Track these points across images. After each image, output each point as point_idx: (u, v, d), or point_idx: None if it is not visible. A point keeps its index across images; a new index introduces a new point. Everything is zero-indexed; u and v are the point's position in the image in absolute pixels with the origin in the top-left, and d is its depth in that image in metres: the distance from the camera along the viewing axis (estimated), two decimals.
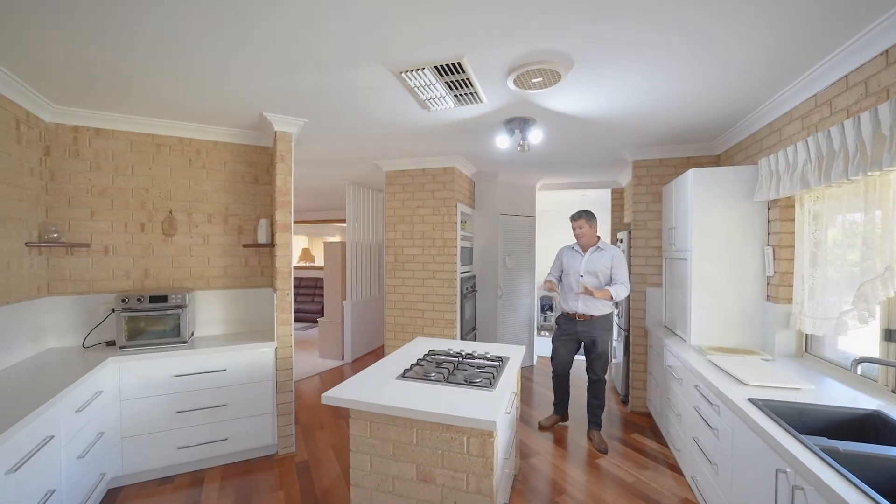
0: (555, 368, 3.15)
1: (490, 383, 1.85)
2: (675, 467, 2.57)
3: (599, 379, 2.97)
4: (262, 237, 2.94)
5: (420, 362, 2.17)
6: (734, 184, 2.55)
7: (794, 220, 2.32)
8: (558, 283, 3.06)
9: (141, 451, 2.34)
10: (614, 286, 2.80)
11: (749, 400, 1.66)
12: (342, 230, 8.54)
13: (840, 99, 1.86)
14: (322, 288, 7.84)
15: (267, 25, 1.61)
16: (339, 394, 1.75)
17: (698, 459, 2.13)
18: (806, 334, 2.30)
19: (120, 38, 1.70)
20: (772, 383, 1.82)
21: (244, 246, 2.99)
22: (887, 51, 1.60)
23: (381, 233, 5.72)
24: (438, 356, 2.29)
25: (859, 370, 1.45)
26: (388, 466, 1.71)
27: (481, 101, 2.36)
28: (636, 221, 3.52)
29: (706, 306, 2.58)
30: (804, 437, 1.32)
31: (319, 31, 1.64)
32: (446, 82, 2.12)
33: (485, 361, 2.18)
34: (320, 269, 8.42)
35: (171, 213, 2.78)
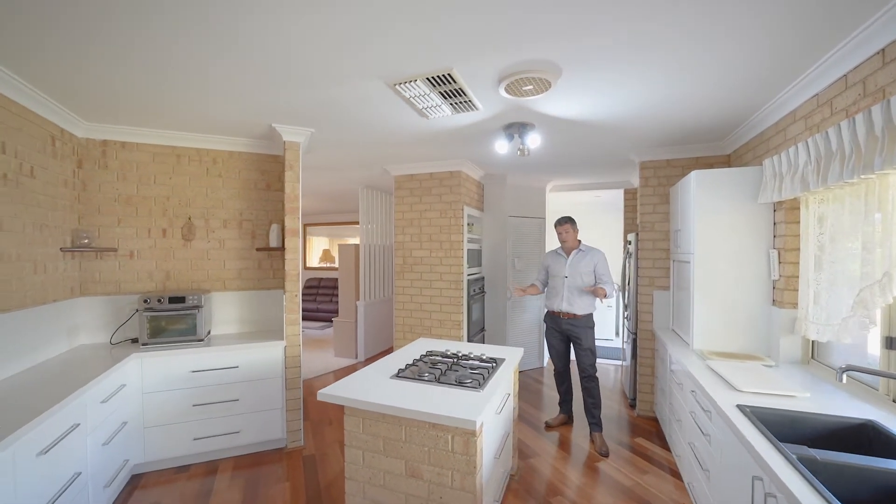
0: (555, 364, 3.26)
1: (479, 384, 1.91)
2: (677, 473, 2.54)
3: (591, 376, 3.04)
4: (274, 241, 3.10)
5: (416, 362, 2.24)
6: (738, 185, 2.49)
7: (799, 222, 2.25)
8: (543, 286, 3.28)
9: (161, 441, 2.53)
10: (606, 285, 2.99)
11: (737, 406, 1.65)
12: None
13: (840, 99, 1.81)
14: None
15: (269, 46, 1.73)
16: (333, 391, 1.85)
17: (694, 465, 2.11)
18: (813, 341, 2.23)
19: (146, 62, 1.87)
20: (766, 390, 1.79)
21: (257, 250, 3.16)
22: (884, 49, 1.55)
23: (393, 235, 5.84)
24: (435, 357, 2.36)
25: (844, 378, 1.41)
26: (380, 461, 1.79)
27: (476, 108, 2.41)
28: (643, 223, 3.48)
29: (709, 310, 2.54)
30: (783, 445, 1.31)
31: (318, 47, 1.73)
32: (440, 92, 2.19)
33: (478, 363, 2.23)
34: None
35: (189, 219, 2.97)
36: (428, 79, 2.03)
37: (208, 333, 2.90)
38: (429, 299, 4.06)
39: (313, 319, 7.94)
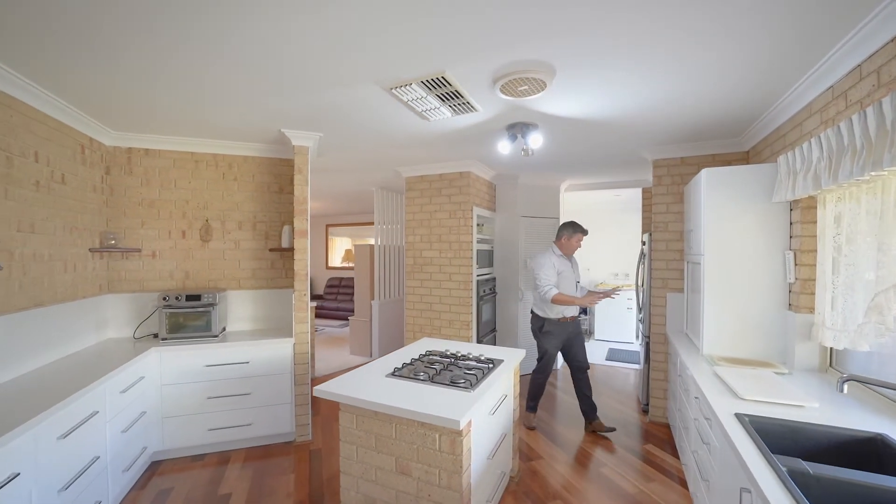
0: (550, 372, 3.27)
1: (471, 385, 1.92)
2: (685, 482, 2.45)
3: (586, 367, 3.22)
4: (286, 242, 3.22)
5: (414, 362, 2.28)
6: (752, 183, 2.38)
7: (816, 222, 2.12)
8: None
9: (178, 430, 2.68)
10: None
11: (735, 414, 1.58)
12: None
13: (854, 90, 1.70)
14: None
15: (274, 55, 1.81)
16: (328, 388, 1.90)
17: (696, 474, 2.03)
18: (831, 348, 2.10)
19: (168, 77, 2.03)
20: (771, 398, 1.70)
21: (270, 250, 3.29)
22: None
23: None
24: (433, 356, 2.39)
25: (845, 389, 1.33)
26: (372, 457, 1.84)
27: (475, 109, 2.42)
28: (656, 223, 3.37)
29: (720, 313, 2.44)
30: (775, 457, 1.25)
31: (311, 50, 1.78)
32: (437, 95, 2.21)
33: (475, 363, 2.24)
34: None
35: (207, 221, 3.13)
36: (423, 82, 2.05)
37: (223, 330, 3.04)
38: (438, 299, 4.09)
39: (333, 318, 8.15)
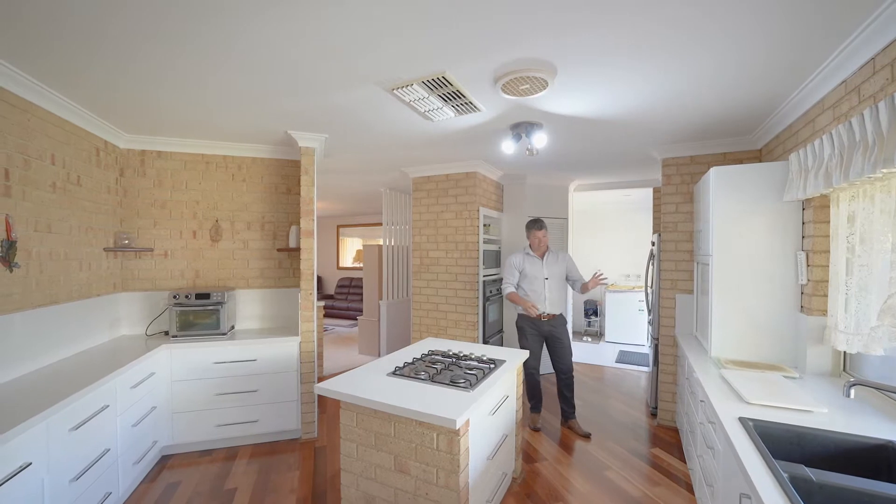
0: (535, 369, 3.22)
1: (471, 385, 1.91)
2: (692, 487, 2.40)
3: (571, 369, 3.17)
4: (293, 242, 3.26)
5: (415, 361, 2.28)
6: (763, 182, 2.31)
7: (829, 221, 2.06)
8: (517, 290, 3.22)
9: (187, 426, 2.74)
10: (578, 282, 3.19)
11: (739, 418, 1.54)
12: None
13: (868, 85, 1.64)
14: None
15: (278, 58, 1.84)
16: (329, 386, 1.92)
17: (702, 479, 1.99)
18: (844, 351, 2.03)
19: (178, 82, 2.09)
20: (778, 403, 1.66)
21: (278, 250, 3.34)
22: None
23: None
24: (435, 356, 2.39)
25: (852, 394, 1.28)
26: (371, 455, 1.85)
27: (478, 109, 2.42)
28: (665, 224, 3.31)
29: (729, 315, 2.38)
30: (777, 463, 1.22)
31: (309, 53, 1.80)
32: (439, 95, 2.22)
33: (476, 363, 2.23)
34: None
35: (217, 221, 3.20)
36: (423, 82, 2.06)
37: (231, 328, 3.10)
38: (444, 300, 4.10)
39: (344, 317, 8.23)
